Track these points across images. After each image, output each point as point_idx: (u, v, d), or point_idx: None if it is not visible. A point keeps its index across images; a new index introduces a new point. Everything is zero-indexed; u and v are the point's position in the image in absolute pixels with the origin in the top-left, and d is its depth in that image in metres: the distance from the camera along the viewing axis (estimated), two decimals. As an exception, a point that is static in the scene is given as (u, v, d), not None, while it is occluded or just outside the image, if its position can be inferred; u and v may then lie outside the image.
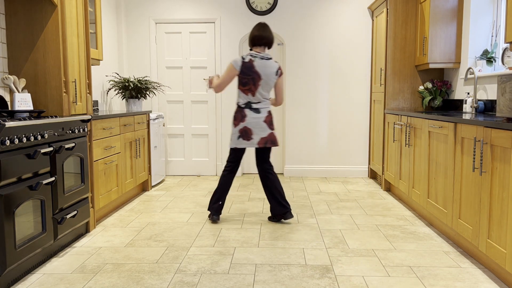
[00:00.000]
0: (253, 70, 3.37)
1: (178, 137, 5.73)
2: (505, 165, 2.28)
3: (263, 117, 3.45)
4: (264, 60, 3.40)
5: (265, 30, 3.42)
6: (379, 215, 3.76)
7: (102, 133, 3.58)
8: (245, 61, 3.39)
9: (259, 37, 3.41)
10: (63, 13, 3.10)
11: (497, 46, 3.89)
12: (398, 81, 4.72)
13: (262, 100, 3.46)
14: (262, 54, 3.42)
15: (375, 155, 5.20)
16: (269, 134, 3.46)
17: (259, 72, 3.38)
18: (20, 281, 2.46)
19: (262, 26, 3.44)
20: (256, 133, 3.43)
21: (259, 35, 3.40)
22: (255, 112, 3.43)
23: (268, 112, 3.48)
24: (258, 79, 3.39)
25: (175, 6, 5.53)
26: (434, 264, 2.67)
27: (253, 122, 3.42)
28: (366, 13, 5.41)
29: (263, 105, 3.47)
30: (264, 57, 3.41)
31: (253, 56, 3.40)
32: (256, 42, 3.42)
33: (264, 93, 3.45)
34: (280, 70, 3.48)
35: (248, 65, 3.38)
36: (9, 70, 3.14)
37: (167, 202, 4.28)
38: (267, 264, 2.69)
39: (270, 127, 3.48)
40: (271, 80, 3.43)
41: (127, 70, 5.62)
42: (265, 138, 3.45)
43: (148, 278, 2.49)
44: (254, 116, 3.43)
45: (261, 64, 3.39)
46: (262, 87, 3.42)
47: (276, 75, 3.44)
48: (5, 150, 2.27)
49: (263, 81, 3.40)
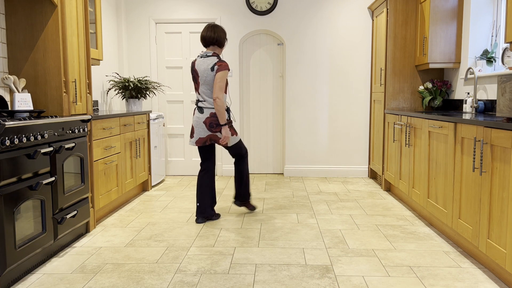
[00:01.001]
0: (194, 69, 3.51)
1: (178, 137, 5.73)
2: (505, 165, 2.28)
3: (204, 117, 3.45)
4: (203, 58, 3.47)
5: (210, 29, 3.48)
6: (379, 215, 3.76)
7: (102, 133, 3.58)
8: (192, 61, 3.58)
9: (204, 37, 3.51)
10: (63, 13, 3.10)
11: (497, 46, 3.89)
12: (398, 81, 4.72)
13: (206, 99, 3.46)
14: (203, 53, 3.49)
15: (375, 155, 5.20)
16: (208, 136, 3.46)
17: (197, 70, 3.48)
18: (20, 281, 2.46)
19: (210, 26, 3.51)
20: (196, 132, 3.49)
21: (204, 34, 3.50)
22: (199, 111, 3.49)
23: (210, 113, 3.44)
24: (197, 77, 3.48)
25: (175, 6, 5.53)
26: (434, 264, 2.67)
27: (195, 121, 3.51)
28: (366, 13, 5.41)
29: (207, 104, 3.46)
30: (204, 55, 3.48)
31: (198, 56, 3.52)
32: (204, 42, 3.52)
33: (207, 91, 3.45)
34: (218, 66, 3.38)
35: (192, 65, 3.54)
36: (9, 70, 3.14)
37: (167, 202, 4.28)
38: (267, 264, 2.69)
39: (210, 129, 3.44)
40: (208, 76, 3.42)
41: (127, 70, 5.62)
42: (203, 138, 3.47)
43: (148, 278, 2.49)
44: (197, 116, 3.50)
45: (199, 62, 3.47)
46: (202, 85, 3.46)
47: (212, 71, 3.40)
48: (5, 150, 2.27)
49: (201, 79, 3.45)
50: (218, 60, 3.42)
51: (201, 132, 3.47)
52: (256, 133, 5.74)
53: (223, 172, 5.67)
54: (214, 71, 3.39)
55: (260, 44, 5.61)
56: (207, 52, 3.48)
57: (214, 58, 3.44)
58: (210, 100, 3.45)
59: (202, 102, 3.48)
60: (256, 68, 5.65)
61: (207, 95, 3.45)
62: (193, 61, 3.54)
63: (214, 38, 3.47)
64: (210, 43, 3.50)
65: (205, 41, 3.50)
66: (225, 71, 3.37)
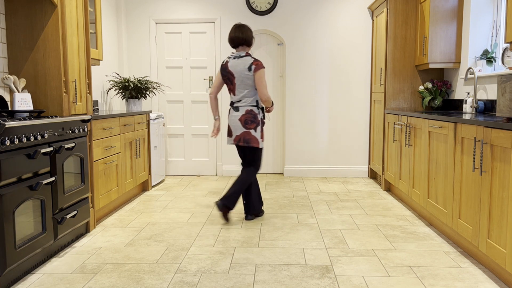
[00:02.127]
0: (227, 70, 3.53)
1: (178, 137, 5.73)
2: (505, 165, 2.28)
3: (239, 115, 3.51)
4: (236, 59, 3.51)
5: (238, 30, 3.51)
6: (379, 215, 3.76)
7: (102, 133, 3.58)
8: (222, 64, 3.58)
9: (232, 38, 3.54)
10: (63, 13, 3.10)
11: (497, 46, 3.89)
12: (398, 81, 4.72)
13: (242, 99, 3.52)
14: (235, 53, 3.53)
15: (375, 155, 5.20)
16: (243, 133, 3.50)
17: (232, 71, 3.50)
18: (20, 281, 2.46)
19: (236, 27, 3.54)
20: (233, 130, 3.55)
21: (232, 36, 3.53)
22: (235, 110, 3.54)
23: (246, 110, 3.50)
24: (233, 78, 3.51)
25: (175, 6, 5.53)
26: (434, 264, 2.67)
27: (231, 120, 3.56)
28: (366, 13, 5.41)
29: (243, 103, 3.52)
30: (237, 56, 3.52)
31: (228, 57, 3.56)
32: (232, 43, 3.56)
33: (244, 91, 3.50)
34: (255, 66, 3.43)
35: (224, 67, 3.56)
36: (9, 70, 3.14)
37: (167, 202, 4.28)
38: (267, 264, 2.69)
39: (245, 126, 3.50)
40: (245, 76, 3.46)
41: (127, 70, 5.62)
42: (238, 136, 3.52)
43: (148, 278, 2.49)
44: (233, 115, 3.55)
45: (234, 63, 3.50)
46: (238, 85, 3.51)
47: (249, 71, 3.45)
48: (5, 150, 2.27)
49: (237, 79, 3.49)
50: (254, 60, 3.47)
51: (237, 130, 3.52)
52: (256, 133, 5.73)
53: (223, 172, 5.67)
54: (252, 71, 3.45)
55: (260, 44, 5.61)
56: (240, 52, 3.52)
57: (249, 58, 3.49)
58: (248, 100, 3.51)
59: (237, 103, 3.53)
60: (256, 68, 5.64)
61: (244, 95, 3.51)
62: (224, 63, 3.55)
63: (242, 38, 3.51)
64: (239, 43, 3.53)
65: (233, 42, 3.53)
66: (263, 69, 3.45)
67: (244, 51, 3.53)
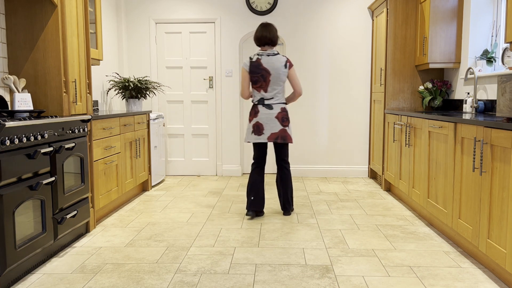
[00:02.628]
0: (261, 67, 3.54)
1: (178, 137, 5.73)
2: (505, 165, 2.28)
3: (275, 113, 3.54)
4: (270, 56, 3.56)
5: (265, 30, 3.58)
6: (379, 215, 3.76)
7: (102, 133, 3.58)
8: (252, 60, 3.57)
9: (259, 37, 3.60)
10: (63, 13, 3.10)
11: (497, 46, 3.89)
12: (398, 81, 4.72)
13: (275, 96, 3.56)
14: (268, 51, 3.57)
15: (375, 155, 5.20)
16: (280, 130, 3.55)
17: (268, 68, 3.52)
18: (20, 281, 2.46)
19: (263, 26, 3.61)
20: (267, 128, 3.54)
21: (260, 35, 3.59)
22: (268, 108, 3.55)
23: (281, 108, 3.56)
24: (267, 75, 3.52)
25: (175, 6, 5.53)
26: (434, 264, 2.68)
27: (264, 117, 3.55)
28: (366, 13, 5.41)
29: (276, 100, 3.57)
30: (270, 53, 3.56)
31: (259, 55, 3.58)
32: (259, 42, 3.60)
33: (277, 87, 3.55)
34: (289, 63, 3.57)
35: (255, 64, 3.55)
36: (9, 70, 3.14)
37: (167, 202, 4.28)
38: (267, 264, 2.69)
39: (283, 124, 3.55)
40: (281, 74, 3.53)
41: (127, 70, 5.62)
42: (275, 133, 3.54)
43: (148, 278, 2.49)
44: (266, 112, 3.55)
45: (268, 60, 3.54)
46: (273, 82, 3.54)
47: (285, 68, 3.54)
48: (5, 150, 2.27)
49: (273, 76, 3.52)
50: (286, 58, 3.58)
51: (273, 128, 3.54)
52: (256, 133, 5.73)
53: (223, 172, 5.67)
54: (287, 68, 3.54)
55: (260, 44, 5.61)
56: (272, 50, 3.58)
57: (281, 56, 3.58)
58: (280, 97, 3.58)
59: (270, 100, 3.56)
60: (256, 68, 5.64)
61: (277, 92, 3.56)
62: (255, 60, 3.55)
63: (269, 38, 3.57)
64: (265, 42, 3.58)
65: (260, 41, 3.59)
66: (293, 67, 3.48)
67: (274, 50, 3.59)
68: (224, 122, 5.62)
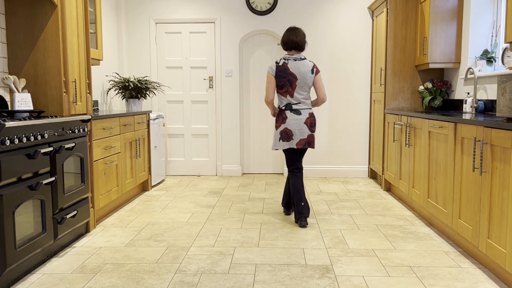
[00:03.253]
0: (288, 72, 3.45)
1: (178, 137, 5.73)
2: (505, 165, 2.28)
3: (304, 118, 3.48)
4: (297, 61, 3.48)
5: (292, 33, 3.50)
6: (379, 215, 3.76)
7: (102, 133, 3.58)
8: (279, 65, 3.49)
9: (286, 41, 3.51)
10: (63, 13, 3.10)
11: (497, 46, 3.89)
12: (398, 81, 4.72)
13: (302, 101, 3.50)
14: (295, 56, 3.50)
15: (375, 155, 5.20)
16: (308, 136, 3.49)
17: (294, 73, 3.45)
18: (20, 281, 2.46)
19: (290, 30, 3.54)
20: (296, 134, 3.47)
21: (286, 39, 3.51)
22: (296, 113, 3.48)
23: (309, 113, 3.50)
24: (294, 80, 3.46)
25: (175, 6, 5.53)
26: (434, 264, 2.68)
27: (293, 123, 3.47)
28: (366, 13, 5.41)
29: (304, 106, 3.50)
30: (297, 58, 3.49)
31: (286, 59, 3.49)
32: (285, 46, 3.54)
33: (303, 93, 3.50)
34: (316, 68, 3.50)
35: (282, 68, 3.47)
36: (9, 70, 3.14)
37: (167, 202, 4.28)
38: (267, 264, 2.69)
39: (311, 129, 3.50)
40: (308, 79, 3.47)
41: (127, 70, 5.62)
42: (304, 139, 3.48)
43: (148, 278, 2.49)
44: (295, 118, 3.47)
45: (295, 65, 3.46)
46: (299, 87, 3.47)
47: (312, 74, 3.48)
48: (5, 150, 2.27)
49: (299, 81, 3.46)
50: (313, 63, 3.53)
51: (302, 133, 3.47)
52: (256, 133, 5.74)
53: (223, 172, 5.67)
54: (314, 74, 3.49)
55: (260, 44, 5.61)
56: (300, 55, 3.51)
57: (308, 61, 3.52)
58: (307, 102, 3.52)
59: (297, 105, 3.49)
60: (256, 68, 5.65)
61: (303, 97, 3.50)
62: (281, 64, 3.47)
63: (296, 42, 3.49)
64: (292, 47, 3.51)
65: (286, 45, 3.52)
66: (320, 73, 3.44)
67: (302, 54, 3.52)
68: (224, 122, 5.62)
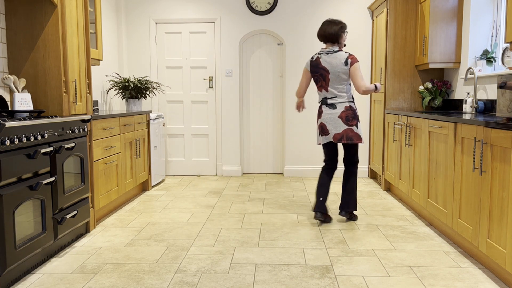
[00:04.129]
0: (320, 66, 3.44)
1: (178, 137, 5.73)
2: (505, 165, 2.28)
3: (339, 112, 3.41)
4: (329, 54, 3.43)
5: (327, 25, 3.45)
6: (379, 215, 3.76)
7: (102, 133, 3.58)
8: (312, 60, 3.49)
9: (319, 34, 3.49)
10: (63, 13, 3.10)
11: (497, 46, 3.89)
12: (398, 81, 4.72)
13: (338, 95, 3.43)
14: (328, 49, 3.45)
15: (375, 155, 5.20)
16: (345, 130, 3.41)
17: (326, 67, 3.42)
18: (20, 281, 2.46)
19: (325, 22, 3.48)
20: (331, 128, 3.43)
21: (319, 33, 3.50)
22: (331, 107, 3.44)
23: (345, 107, 3.41)
24: (326, 74, 3.42)
25: (175, 6, 5.53)
26: (434, 264, 2.68)
27: (328, 117, 3.44)
28: (366, 13, 5.41)
29: (340, 99, 3.43)
30: (330, 51, 3.44)
31: (319, 54, 3.47)
32: (320, 39, 3.51)
33: (339, 86, 3.43)
34: (351, 59, 3.40)
35: (315, 63, 3.47)
36: (9, 70, 3.14)
37: (167, 202, 4.28)
38: (267, 264, 2.69)
39: (348, 123, 3.41)
40: (342, 71, 3.39)
41: (127, 70, 5.62)
42: (339, 133, 3.41)
43: (148, 278, 2.49)
44: (329, 112, 3.44)
45: (327, 58, 3.43)
46: (332, 81, 3.42)
47: (345, 65, 3.39)
48: (5, 150, 2.27)
49: (332, 75, 3.41)
50: (349, 54, 3.44)
51: (337, 128, 3.42)
52: (256, 133, 5.74)
53: (223, 172, 5.67)
54: (349, 65, 3.40)
55: (260, 44, 5.61)
56: (333, 48, 3.45)
57: (343, 52, 3.44)
58: (344, 95, 3.44)
59: (332, 99, 3.44)
60: (256, 68, 5.65)
61: (339, 90, 3.43)
62: (314, 59, 3.47)
63: (328, 33, 3.43)
64: (326, 39, 3.47)
65: (320, 38, 3.48)
66: (358, 63, 3.40)
67: (336, 47, 3.45)
68: (224, 122, 5.62)
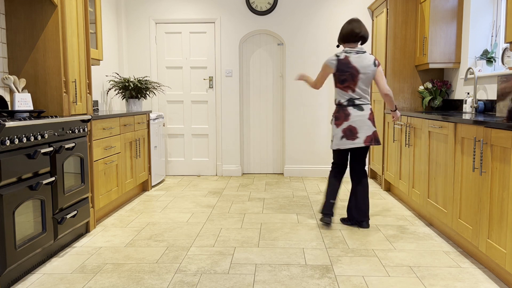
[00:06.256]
0: (350, 65, 3.30)
1: (178, 137, 5.73)
2: (505, 165, 2.28)
3: (367, 114, 3.33)
4: (359, 54, 3.33)
5: (355, 26, 3.33)
6: (379, 215, 3.76)
7: (102, 133, 3.58)
8: (340, 58, 3.32)
9: (350, 33, 3.33)
10: (63, 13, 3.10)
11: (497, 46, 3.89)
12: (398, 81, 4.72)
13: (363, 96, 3.35)
14: (356, 49, 3.35)
15: (375, 155, 5.20)
16: (374, 132, 3.36)
17: (357, 66, 3.30)
18: (20, 281, 2.46)
19: (353, 21, 3.36)
20: (361, 131, 3.32)
21: (349, 31, 3.33)
22: (359, 109, 3.32)
23: (370, 109, 3.36)
24: (356, 74, 3.30)
25: (175, 6, 5.53)
26: (434, 264, 2.68)
27: (358, 120, 3.32)
28: (366, 13, 5.41)
29: (365, 101, 3.35)
30: (360, 51, 3.34)
31: (347, 53, 3.33)
32: (348, 38, 3.35)
33: (364, 87, 3.34)
34: (377, 61, 3.35)
35: (344, 61, 3.31)
36: (9, 70, 3.14)
37: (167, 202, 4.28)
38: (267, 264, 2.69)
39: (374, 125, 3.36)
40: (371, 72, 3.32)
41: (127, 70, 5.62)
42: (370, 136, 3.33)
43: (148, 278, 2.49)
44: (358, 114, 3.32)
45: (357, 58, 3.31)
46: (361, 81, 3.32)
47: (374, 66, 3.33)
48: (5, 150, 2.27)
49: (361, 75, 3.30)
50: (374, 56, 3.37)
51: (368, 130, 3.32)
52: (256, 133, 5.74)
53: (223, 172, 5.67)
54: (376, 66, 3.34)
55: (260, 44, 5.61)
56: (361, 48, 3.36)
57: (369, 54, 3.36)
58: (367, 97, 3.36)
59: (359, 100, 3.33)
60: (256, 68, 5.65)
61: (365, 92, 3.35)
62: (343, 58, 3.31)
63: (361, 33, 3.32)
64: (354, 39, 3.33)
65: (347, 38, 3.34)
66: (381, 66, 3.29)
67: (362, 48, 3.36)
68: (224, 122, 5.62)
